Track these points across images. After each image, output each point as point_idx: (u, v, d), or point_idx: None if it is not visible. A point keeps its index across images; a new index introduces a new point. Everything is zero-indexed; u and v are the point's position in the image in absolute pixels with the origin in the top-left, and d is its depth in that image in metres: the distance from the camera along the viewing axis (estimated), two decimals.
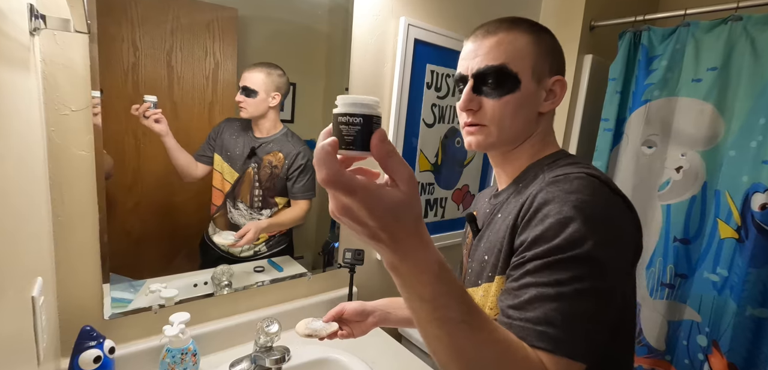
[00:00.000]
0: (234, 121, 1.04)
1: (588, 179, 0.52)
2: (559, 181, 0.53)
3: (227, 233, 1.08)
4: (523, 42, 0.61)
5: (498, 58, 0.60)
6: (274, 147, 1.09)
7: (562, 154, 0.64)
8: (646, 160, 1.40)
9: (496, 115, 0.61)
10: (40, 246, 0.70)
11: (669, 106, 1.35)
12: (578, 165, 0.58)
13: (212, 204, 1.06)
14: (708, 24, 1.27)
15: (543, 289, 0.48)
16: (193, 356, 0.91)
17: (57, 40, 0.72)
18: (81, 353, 0.79)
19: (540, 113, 0.63)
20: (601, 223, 0.49)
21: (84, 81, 0.77)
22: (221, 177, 1.05)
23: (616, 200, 0.53)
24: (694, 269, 1.32)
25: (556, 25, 1.57)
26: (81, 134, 0.79)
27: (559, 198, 0.51)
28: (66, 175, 0.78)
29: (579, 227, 0.48)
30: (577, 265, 0.48)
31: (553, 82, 0.63)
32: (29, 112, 0.64)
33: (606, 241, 0.49)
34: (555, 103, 0.64)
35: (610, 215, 0.51)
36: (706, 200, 1.30)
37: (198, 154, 1.00)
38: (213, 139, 1.01)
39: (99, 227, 0.84)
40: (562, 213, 0.50)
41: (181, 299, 0.99)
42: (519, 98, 0.61)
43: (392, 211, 0.36)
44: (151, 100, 0.89)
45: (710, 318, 1.27)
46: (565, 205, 0.50)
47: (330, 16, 1.12)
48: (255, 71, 1.02)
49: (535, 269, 0.50)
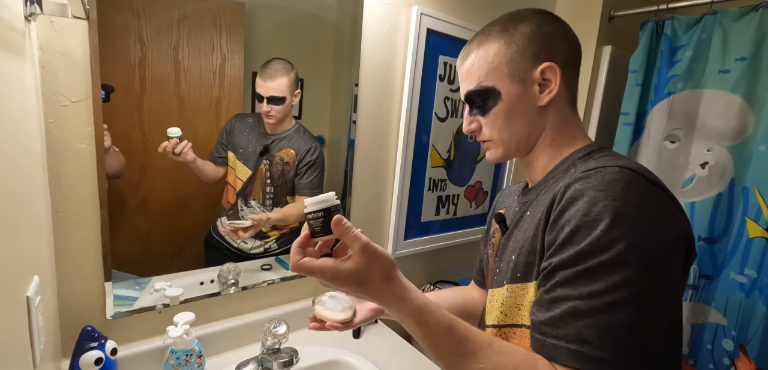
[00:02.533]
0: (244, 118, 1.01)
1: (623, 172, 0.47)
2: (590, 176, 0.48)
3: (242, 221, 1.06)
4: (492, 51, 0.59)
5: (473, 80, 0.61)
6: (286, 144, 1.07)
7: (597, 147, 0.59)
8: (669, 155, 1.34)
9: (491, 131, 0.61)
10: (38, 243, 0.66)
11: (694, 99, 1.29)
12: (614, 157, 0.53)
13: (226, 201, 1.04)
14: (736, 11, 1.20)
15: (576, 303, 0.44)
16: (198, 358, 0.88)
17: (55, 26, 0.69)
18: (81, 355, 0.76)
19: (541, 107, 0.59)
20: (635, 220, 0.44)
21: (84, 71, 0.73)
22: (234, 174, 1.03)
23: (654, 192, 0.47)
24: (720, 269, 1.26)
25: (574, 15, 1.52)
26: (81, 126, 0.75)
27: (588, 194, 0.46)
28: (66, 169, 0.75)
29: (608, 227, 0.44)
30: (609, 272, 0.43)
31: (541, 71, 0.57)
32: (25, 102, 0.60)
33: (641, 240, 0.44)
34: (553, 92, 0.58)
35: (646, 211, 0.45)
36: (733, 197, 1.24)
37: (213, 157, 0.98)
38: (225, 138, 0.99)
39: (101, 224, 0.81)
40: (591, 213, 0.45)
41: (186, 298, 0.96)
42: (504, 108, 0.59)
43: (352, 278, 0.47)
44: (175, 135, 0.88)
45: (737, 321, 1.21)
46: (595, 203, 0.45)
47: (339, 4, 1.08)
48: (277, 77, 1.00)
49: (565, 279, 0.46)
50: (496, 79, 0.59)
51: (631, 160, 0.52)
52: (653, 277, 0.44)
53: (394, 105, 1.23)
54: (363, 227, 1.25)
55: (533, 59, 0.57)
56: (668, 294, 0.47)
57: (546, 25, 0.59)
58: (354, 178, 1.20)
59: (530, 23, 0.59)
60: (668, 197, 0.49)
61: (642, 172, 0.48)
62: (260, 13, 0.98)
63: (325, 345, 1.04)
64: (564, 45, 0.59)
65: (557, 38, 0.59)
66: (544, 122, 0.60)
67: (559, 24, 0.60)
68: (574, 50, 0.60)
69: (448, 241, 1.49)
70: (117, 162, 0.82)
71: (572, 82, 0.61)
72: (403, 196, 1.29)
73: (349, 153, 1.18)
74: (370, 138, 1.20)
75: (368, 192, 1.25)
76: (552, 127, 0.60)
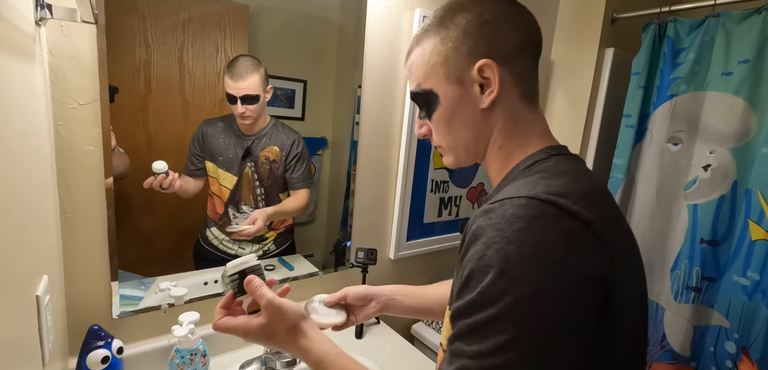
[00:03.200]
0: (215, 123, 0.98)
1: (528, 205, 0.40)
2: (494, 210, 0.42)
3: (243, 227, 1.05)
4: (429, 49, 0.52)
5: (414, 81, 0.55)
6: (267, 142, 1.04)
7: (544, 155, 0.50)
8: (672, 157, 1.34)
9: (438, 137, 0.56)
10: (47, 243, 0.68)
11: (696, 101, 1.29)
12: (535, 179, 0.45)
13: (213, 212, 1.02)
14: (739, 14, 1.20)
15: (466, 362, 0.39)
16: (202, 357, 0.89)
17: (64, 30, 0.70)
18: (89, 354, 0.77)
19: (484, 110, 0.51)
20: (530, 266, 0.38)
21: (92, 74, 0.75)
22: (218, 184, 1.01)
23: (563, 227, 0.40)
24: (723, 272, 1.26)
25: (576, 18, 1.52)
26: (89, 128, 0.77)
27: (487, 234, 0.40)
28: (74, 170, 0.76)
29: (496, 276, 0.38)
30: (497, 330, 0.38)
31: (478, 69, 0.49)
32: (35, 105, 0.61)
33: (535, 291, 0.37)
34: (494, 92, 0.50)
35: (545, 253, 0.38)
36: (736, 199, 1.23)
37: (189, 170, 0.96)
38: (198, 148, 0.96)
39: (108, 224, 0.82)
40: (485, 257, 0.39)
41: (190, 298, 0.97)
42: (443, 112, 0.53)
43: (260, 332, 0.54)
44: (161, 170, 0.88)
45: (740, 324, 1.21)
46: (490, 245, 0.40)
47: (342, 7, 1.09)
48: (248, 75, 0.95)
49: (460, 332, 0.41)
50: (434, 80, 0.52)
51: (555, 182, 0.43)
52: (548, 331, 0.38)
53: (397, 107, 1.24)
54: (366, 228, 1.26)
55: (470, 56, 0.50)
56: (571, 345, 0.39)
57: (485, 14, 0.50)
58: (357, 180, 1.21)
59: (468, 13, 0.50)
60: (585, 230, 0.41)
61: (555, 202, 0.40)
62: (264, 15, 0.99)
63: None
64: (507, 34, 0.50)
65: (499, 28, 0.50)
66: (491, 126, 0.52)
67: (504, 9, 0.51)
68: (523, 38, 0.51)
69: (450, 242, 1.49)
70: (122, 163, 0.83)
71: (524, 75, 0.52)
72: (406, 197, 1.30)
73: (351, 154, 1.19)
74: (373, 139, 1.21)
75: (371, 193, 1.25)
76: (500, 131, 0.52)
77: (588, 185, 0.46)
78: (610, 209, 0.47)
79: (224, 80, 0.94)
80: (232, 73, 0.94)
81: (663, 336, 1.36)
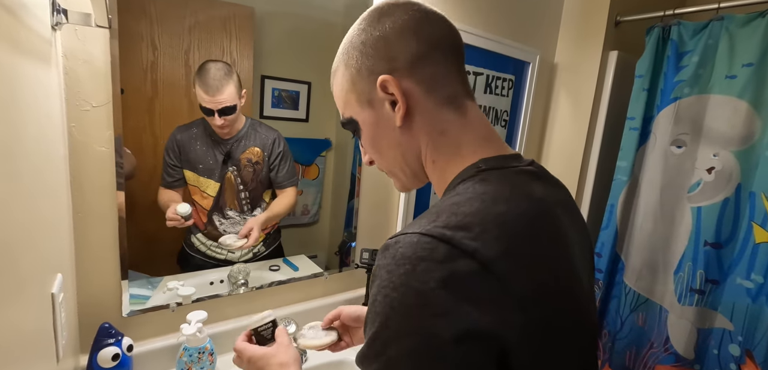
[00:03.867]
0: (188, 129, 0.95)
1: (417, 244, 0.36)
2: (389, 248, 0.38)
3: (229, 235, 1.03)
4: (339, 77, 0.50)
5: (340, 110, 0.53)
6: (247, 143, 1.01)
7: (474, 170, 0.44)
8: (675, 160, 1.34)
9: (376, 162, 0.53)
10: (61, 243, 0.69)
11: (700, 104, 1.29)
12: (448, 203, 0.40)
13: (199, 220, 1.01)
14: (743, 17, 1.21)
15: None
16: (209, 355, 0.91)
17: (78, 35, 0.72)
18: (100, 351, 0.79)
19: (401, 128, 0.47)
20: (410, 319, 0.34)
21: (105, 77, 0.76)
22: (200, 192, 0.98)
23: (449, 273, 0.34)
24: (727, 274, 1.26)
25: (580, 21, 1.53)
26: (101, 130, 0.78)
27: (379, 276, 0.37)
28: (86, 171, 0.78)
29: (379, 329, 0.36)
30: None
31: (380, 87, 0.46)
32: (50, 107, 0.63)
33: (413, 348, 0.34)
34: (402, 107, 0.45)
35: (425, 306, 0.34)
36: (740, 202, 1.24)
37: (167, 183, 0.93)
38: (174, 158, 0.93)
39: (118, 224, 0.84)
40: (375, 303, 0.37)
41: (198, 297, 0.98)
42: (367, 137, 0.50)
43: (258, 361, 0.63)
44: (186, 213, 0.94)
45: (744, 327, 1.21)
46: (379, 290, 0.37)
47: (347, 10, 1.10)
48: (224, 87, 0.91)
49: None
50: (351, 108, 0.50)
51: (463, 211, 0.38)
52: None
53: None
54: (370, 231, 1.27)
55: (371, 75, 0.46)
56: None
57: (378, 30, 0.46)
58: (362, 181, 1.22)
59: (363, 33, 0.47)
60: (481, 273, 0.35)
61: (449, 239, 0.35)
62: (269, 18, 1.00)
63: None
64: (404, 44, 0.45)
65: (393, 40, 0.45)
66: (415, 142, 0.48)
67: (400, 20, 0.46)
68: (426, 43, 0.46)
69: None
70: (129, 163, 0.84)
71: (438, 80, 0.46)
72: (410, 200, 1.31)
73: (356, 155, 1.20)
74: None
75: (375, 196, 1.26)
76: (427, 145, 0.47)
77: (511, 208, 0.39)
78: (536, 237, 0.40)
79: (196, 91, 0.90)
80: (205, 85, 0.89)
81: (667, 338, 1.37)
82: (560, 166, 1.64)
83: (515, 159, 0.47)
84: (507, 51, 1.41)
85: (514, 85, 1.50)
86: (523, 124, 1.56)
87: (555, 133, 1.65)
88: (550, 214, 0.43)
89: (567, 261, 0.43)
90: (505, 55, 1.42)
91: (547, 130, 1.68)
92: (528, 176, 0.45)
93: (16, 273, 0.47)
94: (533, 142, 1.67)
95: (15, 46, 0.47)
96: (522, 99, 1.54)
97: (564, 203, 0.48)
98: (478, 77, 1.38)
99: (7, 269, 0.45)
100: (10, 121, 0.45)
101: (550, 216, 0.43)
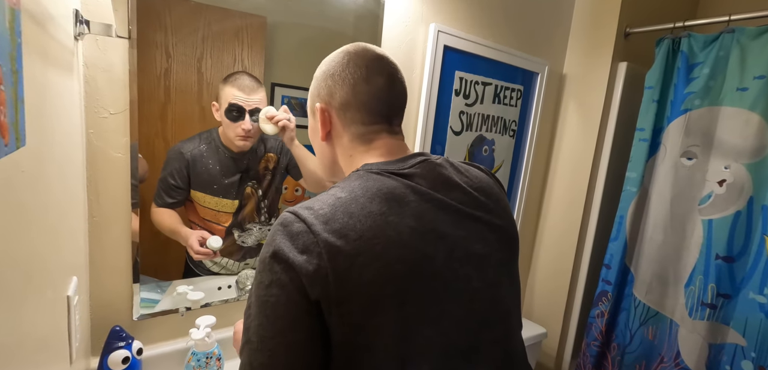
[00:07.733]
0: (196, 147, 0.92)
1: (281, 222, 0.49)
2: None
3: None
4: (312, 83, 0.65)
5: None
6: (262, 151, 1.01)
7: (356, 174, 0.55)
8: (686, 172, 1.33)
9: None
10: (77, 246, 0.71)
11: (711, 116, 1.28)
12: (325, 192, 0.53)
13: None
14: (755, 30, 1.20)
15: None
16: (217, 361, 0.91)
17: (99, 44, 0.74)
18: (111, 353, 0.80)
19: (323, 140, 0.63)
20: (258, 285, 0.48)
21: (123, 85, 0.78)
22: (215, 213, 0.96)
23: (282, 246, 0.46)
24: (739, 288, 1.24)
25: (590, 32, 1.53)
26: (118, 136, 0.80)
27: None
28: (102, 176, 0.80)
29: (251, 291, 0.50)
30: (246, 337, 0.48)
31: (317, 109, 0.61)
32: (71, 114, 0.65)
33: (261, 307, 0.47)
34: (322, 131, 0.61)
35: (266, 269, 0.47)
36: (752, 215, 1.22)
37: (167, 203, 0.91)
38: (179, 180, 0.91)
39: (131, 228, 0.85)
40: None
41: (206, 302, 0.99)
42: (309, 132, 0.66)
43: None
44: (217, 247, 0.96)
45: (757, 342, 1.18)
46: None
47: (358, 22, 1.11)
48: (258, 90, 0.94)
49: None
50: (309, 109, 0.66)
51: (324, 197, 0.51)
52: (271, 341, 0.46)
53: (411, 119, 1.26)
54: None
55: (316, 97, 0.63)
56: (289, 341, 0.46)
57: (330, 69, 0.61)
58: None
59: (324, 64, 0.63)
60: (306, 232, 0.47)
61: (294, 211, 0.49)
62: (281, 27, 1.02)
63: None
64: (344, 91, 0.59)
65: (339, 84, 0.59)
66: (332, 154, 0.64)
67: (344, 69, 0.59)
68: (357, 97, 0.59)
69: None
70: (141, 168, 0.85)
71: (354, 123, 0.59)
72: None
73: None
74: None
75: None
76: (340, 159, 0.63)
77: (344, 195, 0.50)
78: (356, 213, 0.49)
79: (225, 92, 0.91)
80: (241, 85, 0.92)
81: (677, 353, 1.34)
82: (569, 177, 1.63)
83: (394, 164, 0.56)
84: (516, 62, 1.42)
85: (522, 96, 1.50)
86: (531, 135, 1.56)
87: (564, 143, 1.65)
88: (387, 198, 0.51)
89: (393, 228, 0.49)
90: (514, 66, 1.42)
91: (556, 141, 1.67)
92: (385, 176, 0.54)
93: (40, 276, 0.49)
94: (542, 152, 1.66)
95: (44, 57, 0.48)
96: (530, 109, 1.54)
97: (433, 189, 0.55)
98: (487, 87, 1.38)
99: (34, 271, 0.46)
100: (40, 129, 0.47)
101: (387, 199, 0.51)
